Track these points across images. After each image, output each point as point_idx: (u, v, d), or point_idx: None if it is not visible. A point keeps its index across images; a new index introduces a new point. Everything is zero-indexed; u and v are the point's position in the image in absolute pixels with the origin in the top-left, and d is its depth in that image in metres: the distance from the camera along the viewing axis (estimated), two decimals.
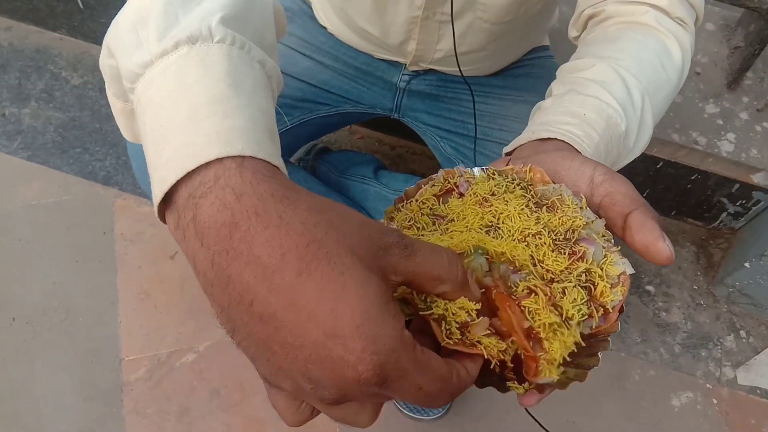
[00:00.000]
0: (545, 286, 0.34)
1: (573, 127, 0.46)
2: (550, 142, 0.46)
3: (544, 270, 0.35)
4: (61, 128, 1.43)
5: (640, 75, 0.52)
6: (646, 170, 1.30)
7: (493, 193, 0.39)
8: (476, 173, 0.41)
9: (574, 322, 0.34)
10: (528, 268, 0.35)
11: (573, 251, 0.36)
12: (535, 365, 0.33)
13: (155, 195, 0.29)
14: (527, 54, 0.91)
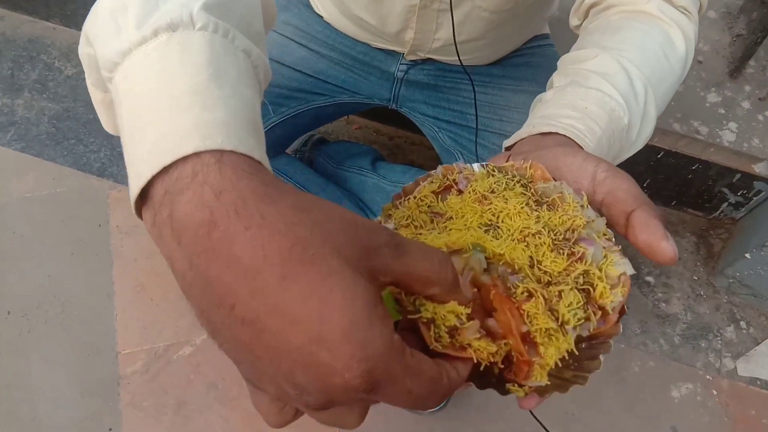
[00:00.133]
0: (542, 288, 0.34)
1: (575, 120, 0.46)
2: (551, 137, 0.45)
3: (541, 272, 0.34)
4: (55, 119, 1.42)
5: (643, 66, 0.51)
6: (646, 160, 1.28)
7: (492, 190, 0.38)
8: (476, 169, 0.40)
9: (570, 326, 0.33)
10: (525, 272, 0.34)
11: (572, 252, 0.35)
12: (527, 369, 0.33)
13: (131, 191, 0.28)
14: (527, 43, 0.90)
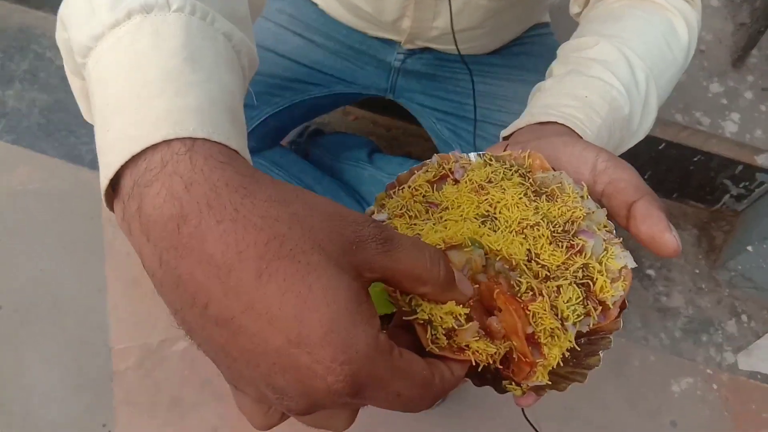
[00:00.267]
0: (540, 284, 0.33)
1: (575, 110, 0.45)
2: (551, 126, 0.44)
3: (539, 266, 0.33)
4: (46, 110, 1.40)
5: (644, 55, 0.50)
6: (648, 151, 1.27)
7: (489, 180, 0.37)
8: (472, 159, 0.39)
9: (569, 323, 0.32)
10: (521, 267, 0.33)
11: (571, 244, 0.34)
12: (529, 369, 0.32)
13: (101, 182, 0.27)
14: (527, 31, 0.88)
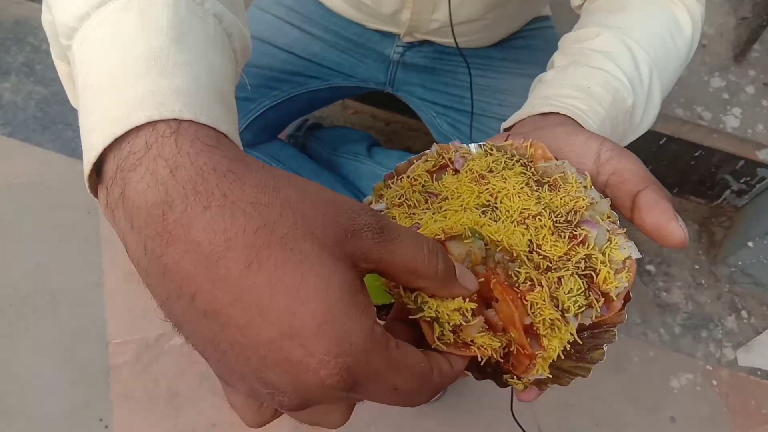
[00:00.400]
0: (540, 275, 0.32)
1: (577, 101, 0.44)
2: (553, 117, 0.43)
3: (540, 257, 0.32)
4: (43, 103, 1.39)
5: (648, 47, 0.49)
6: (648, 146, 1.26)
7: (490, 169, 0.36)
8: (473, 149, 0.39)
9: (571, 314, 0.32)
10: (521, 259, 0.32)
11: (573, 235, 0.33)
12: (528, 362, 0.31)
13: (84, 167, 0.26)
14: (527, 24, 0.87)
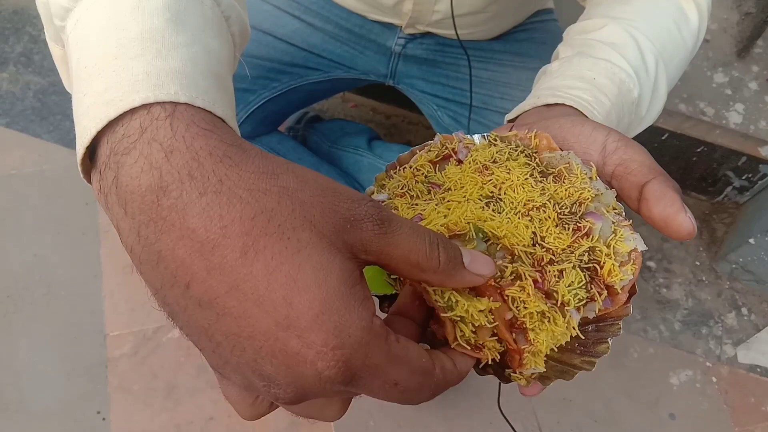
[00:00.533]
0: (535, 272, 0.31)
1: (582, 92, 0.43)
2: (558, 108, 0.43)
3: (543, 250, 0.32)
4: (41, 94, 1.38)
5: (654, 38, 0.49)
6: (650, 142, 1.25)
7: (494, 160, 0.36)
8: (476, 140, 0.38)
9: (571, 308, 0.31)
10: (519, 253, 0.32)
11: (578, 227, 0.33)
12: (518, 357, 0.31)
13: (77, 151, 0.25)
14: (530, 17, 0.87)
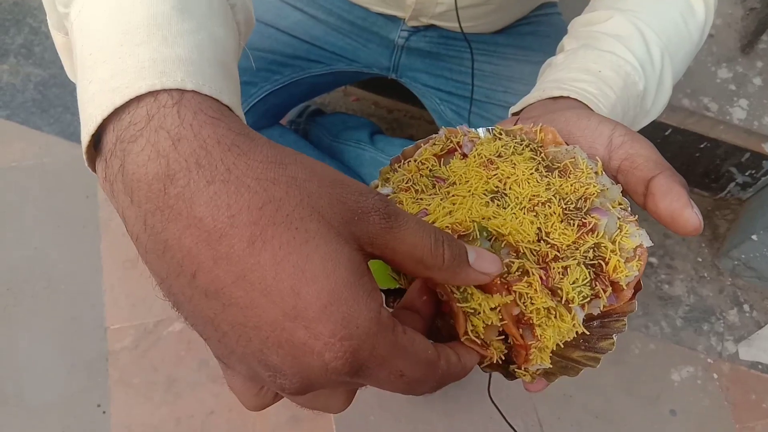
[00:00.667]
0: (540, 269, 0.31)
1: (588, 84, 0.43)
2: (563, 101, 0.43)
3: (548, 246, 0.32)
4: (41, 86, 1.37)
5: (660, 30, 0.48)
6: (653, 137, 1.25)
7: (499, 154, 0.35)
8: (481, 133, 0.38)
9: (575, 305, 0.31)
10: (523, 250, 0.31)
11: (583, 223, 0.32)
12: (525, 353, 0.31)
13: (82, 139, 0.25)
14: (534, 11, 0.86)
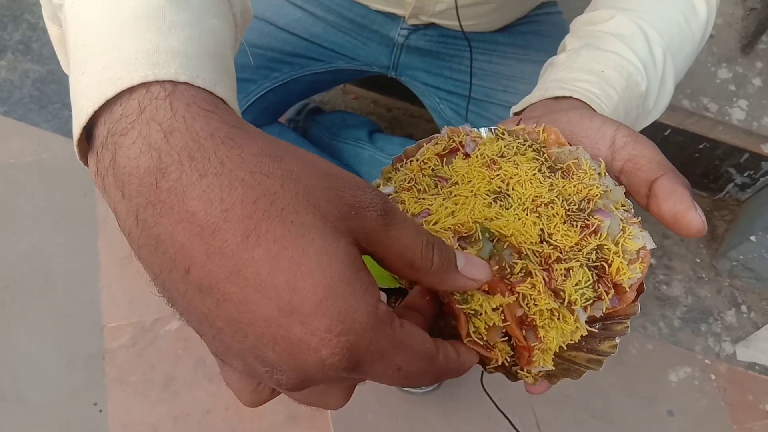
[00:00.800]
0: (542, 270, 0.31)
1: (590, 84, 0.43)
2: (565, 101, 0.42)
3: (551, 248, 0.31)
4: (39, 82, 1.37)
5: (662, 30, 0.48)
6: (652, 137, 1.23)
7: (502, 154, 0.35)
8: (483, 134, 0.37)
9: (578, 307, 0.31)
10: (526, 251, 0.31)
11: (586, 224, 0.32)
12: (527, 354, 0.30)
13: (74, 131, 0.24)
14: (534, 9, 0.86)
